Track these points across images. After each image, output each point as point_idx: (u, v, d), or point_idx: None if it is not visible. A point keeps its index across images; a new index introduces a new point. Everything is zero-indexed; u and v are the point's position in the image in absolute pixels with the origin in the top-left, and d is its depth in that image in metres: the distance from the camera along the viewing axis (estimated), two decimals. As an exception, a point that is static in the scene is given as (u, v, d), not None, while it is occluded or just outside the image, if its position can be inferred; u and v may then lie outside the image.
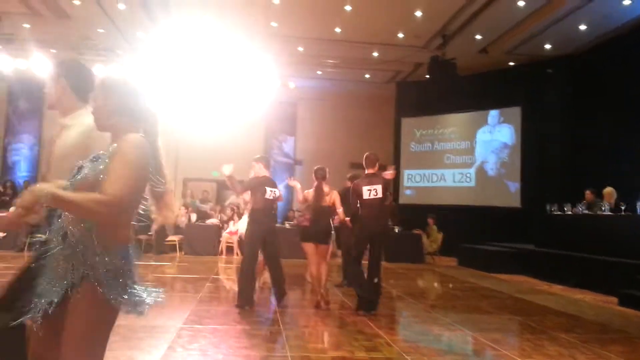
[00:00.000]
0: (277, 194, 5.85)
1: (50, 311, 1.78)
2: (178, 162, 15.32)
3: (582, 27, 10.42)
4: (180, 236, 11.46)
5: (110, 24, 11.21)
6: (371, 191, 5.70)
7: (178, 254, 11.14)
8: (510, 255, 10.40)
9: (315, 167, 6.34)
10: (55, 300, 1.78)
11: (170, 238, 11.49)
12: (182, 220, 12.28)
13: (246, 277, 5.66)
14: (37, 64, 11.96)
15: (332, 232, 6.39)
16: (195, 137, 14.67)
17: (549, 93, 12.33)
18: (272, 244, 5.89)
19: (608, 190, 8.95)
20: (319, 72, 13.99)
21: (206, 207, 13.59)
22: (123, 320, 4.81)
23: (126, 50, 12.30)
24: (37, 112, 14.96)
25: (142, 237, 11.28)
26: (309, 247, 5.96)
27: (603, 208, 8.65)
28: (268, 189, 5.72)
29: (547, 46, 11.54)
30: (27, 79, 13.40)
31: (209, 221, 12.08)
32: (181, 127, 15.07)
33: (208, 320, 5.02)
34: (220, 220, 12.50)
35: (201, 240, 11.27)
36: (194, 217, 12.66)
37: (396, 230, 11.56)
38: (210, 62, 11.69)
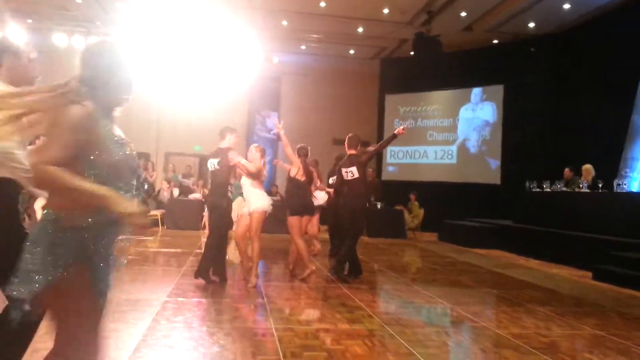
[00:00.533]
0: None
1: None
2: (160, 136, 15.15)
3: (566, 6, 10.48)
4: (163, 211, 11.41)
5: (89, -7, 10.91)
6: (348, 173, 6.13)
7: (160, 228, 11.10)
8: (490, 230, 10.60)
9: (298, 146, 6.36)
10: None
11: (152, 212, 11.42)
12: (165, 195, 12.21)
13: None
14: (12, 35, 11.58)
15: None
16: (177, 111, 14.49)
17: (532, 71, 12.42)
18: None
19: (587, 166, 9.13)
20: (303, 47, 13.86)
21: (189, 181, 13.51)
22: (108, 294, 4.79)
23: (105, 21, 11.99)
24: (13, 84, 14.57)
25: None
26: (296, 221, 6.03)
27: (581, 185, 8.84)
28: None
29: (531, 24, 11.59)
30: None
31: (192, 196, 12.03)
32: (162, 101, 14.86)
33: (192, 293, 5.05)
34: (203, 195, 12.45)
35: (184, 215, 11.24)
36: (176, 191, 12.59)
37: (378, 206, 11.66)
38: (192, 35, 11.47)
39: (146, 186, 12.23)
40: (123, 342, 3.42)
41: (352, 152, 6.28)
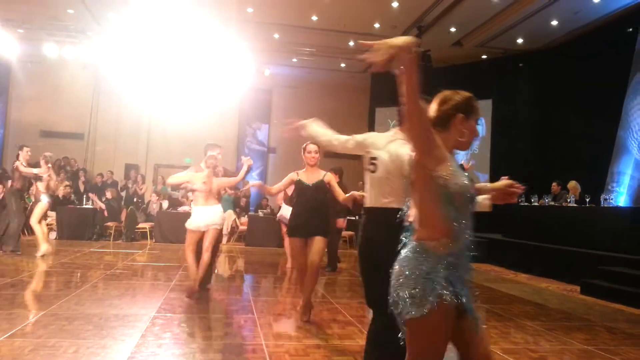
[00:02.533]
0: None
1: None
2: (149, 148, 15.09)
3: (554, 23, 10.66)
4: (151, 223, 11.32)
5: (81, 4, 10.90)
6: None
7: (149, 241, 11.01)
8: (479, 244, 10.62)
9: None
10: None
11: (140, 225, 11.34)
12: (154, 207, 12.13)
13: None
14: (3, 45, 11.54)
15: None
16: (168, 122, 14.46)
17: (520, 87, 12.59)
18: None
19: (572, 183, 9.26)
20: (295, 60, 13.93)
21: (178, 194, 13.43)
22: (95, 309, 4.76)
23: (96, 32, 11.97)
24: (3, 94, 14.48)
25: (112, 224, 11.11)
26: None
27: (569, 200, 8.93)
28: None
29: (520, 40, 11.77)
30: (-7, 59, 12.94)
31: (181, 208, 11.95)
32: (153, 113, 14.84)
33: (181, 308, 5.00)
34: (192, 207, 12.39)
35: (172, 228, 11.14)
36: (165, 204, 12.51)
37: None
38: (183, 47, 11.49)
39: (135, 199, 12.16)
40: (111, 358, 3.37)
41: None
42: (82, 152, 14.45)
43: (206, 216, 5.65)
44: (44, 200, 8.21)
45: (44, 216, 8.43)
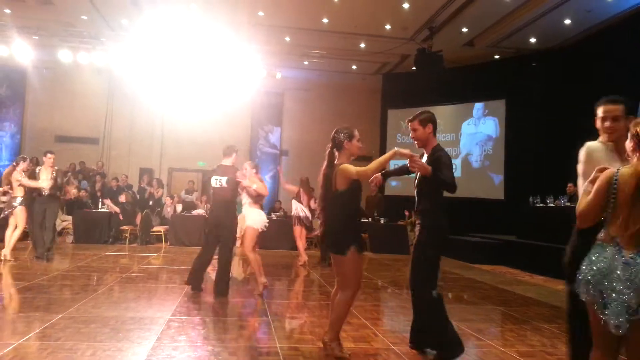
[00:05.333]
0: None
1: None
2: (163, 152, 15.21)
3: (567, 22, 10.55)
4: (166, 227, 11.41)
5: (94, 10, 11.04)
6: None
7: (164, 244, 11.09)
8: (494, 246, 10.56)
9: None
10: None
11: (155, 228, 11.44)
12: (168, 211, 12.22)
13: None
14: (18, 51, 11.74)
15: None
16: (181, 126, 14.58)
17: (533, 86, 12.46)
18: None
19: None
20: (306, 63, 13.96)
21: (192, 197, 13.52)
22: (112, 312, 4.80)
23: (110, 38, 12.12)
24: (18, 100, 14.70)
25: (127, 227, 11.21)
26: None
27: (584, 201, 8.82)
28: None
29: (532, 40, 11.66)
30: (9, 65, 13.17)
31: (195, 211, 12.03)
32: (166, 117, 14.97)
33: (196, 311, 5.04)
34: (205, 210, 12.46)
35: (187, 231, 11.23)
36: (179, 207, 12.60)
37: (382, 221, 11.64)
38: (196, 51, 11.60)
39: (151, 202, 12.26)
40: (128, 361, 3.41)
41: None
42: (97, 157, 14.61)
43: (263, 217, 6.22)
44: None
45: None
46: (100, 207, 11.69)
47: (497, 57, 12.99)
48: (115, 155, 14.99)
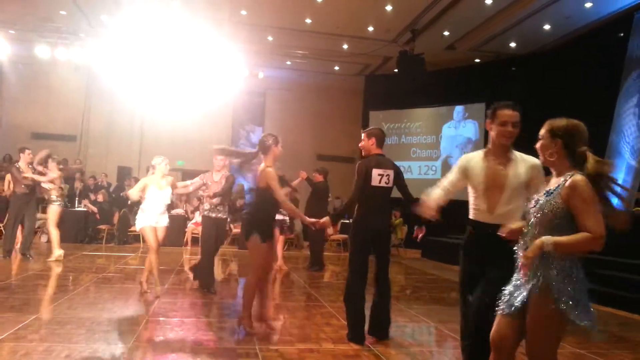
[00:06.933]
0: None
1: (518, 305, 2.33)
2: (142, 150, 15.02)
3: (546, 27, 10.73)
4: (144, 226, 11.24)
5: (73, 5, 10.85)
6: (383, 177, 4.38)
7: (142, 244, 10.94)
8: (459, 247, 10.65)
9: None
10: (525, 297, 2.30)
11: (133, 228, 11.26)
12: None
13: None
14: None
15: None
16: (161, 125, 14.40)
17: (513, 90, 12.61)
18: None
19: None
20: (288, 63, 13.93)
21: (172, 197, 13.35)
22: (88, 313, 4.72)
23: (89, 34, 11.92)
24: (-6, 95, 14.37)
25: (104, 227, 11.03)
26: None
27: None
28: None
29: (512, 44, 11.84)
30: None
31: (174, 211, 11.89)
32: (146, 115, 14.77)
33: (174, 312, 4.97)
34: (185, 210, 12.34)
35: (166, 231, 11.07)
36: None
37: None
38: (176, 49, 11.46)
39: (129, 202, 12.05)
40: (104, 364, 3.35)
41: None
42: (74, 154, 14.35)
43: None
44: (57, 203, 8.11)
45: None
46: (77, 205, 11.47)
47: (477, 60, 13.14)
48: (93, 153, 14.75)
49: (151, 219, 5.75)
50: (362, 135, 4.50)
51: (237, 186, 6.27)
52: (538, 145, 2.59)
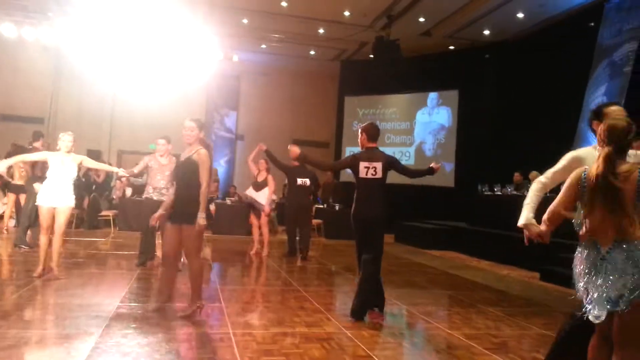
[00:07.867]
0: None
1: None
2: (113, 134, 14.72)
3: (520, 15, 10.88)
4: (115, 211, 11.07)
5: (40, -17, 10.46)
6: (369, 169, 4.64)
7: (112, 229, 10.78)
8: (444, 232, 10.86)
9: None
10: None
11: (104, 213, 11.08)
12: (118, 194, 11.86)
13: None
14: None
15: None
16: (133, 108, 14.10)
17: (486, 78, 12.81)
18: None
19: (533, 174, 9.48)
20: (264, 46, 13.78)
21: (141, 180, 13.12)
22: (58, 299, 4.64)
23: (57, 13, 11.52)
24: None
25: (74, 211, 10.80)
26: None
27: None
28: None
29: (486, 32, 11.96)
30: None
31: (145, 195, 11.70)
32: (116, 97, 14.44)
33: (146, 298, 4.93)
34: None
35: (137, 216, 10.92)
36: (129, 191, 12.23)
37: (337, 207, 11.74)
38: (149, 30, 11.19)
39: (94, 186, 11.79)
40: (75, 349, 3.31)
41: (373, 144, 4.91)
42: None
43: None
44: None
45: None
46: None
47: (452, 47, 13.24)
48: (62, 136, 14.36)
49: (50, 198, 5.39)
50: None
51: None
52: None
